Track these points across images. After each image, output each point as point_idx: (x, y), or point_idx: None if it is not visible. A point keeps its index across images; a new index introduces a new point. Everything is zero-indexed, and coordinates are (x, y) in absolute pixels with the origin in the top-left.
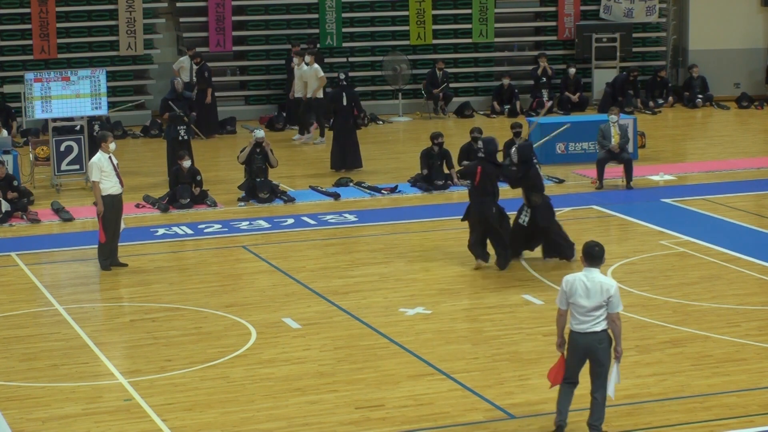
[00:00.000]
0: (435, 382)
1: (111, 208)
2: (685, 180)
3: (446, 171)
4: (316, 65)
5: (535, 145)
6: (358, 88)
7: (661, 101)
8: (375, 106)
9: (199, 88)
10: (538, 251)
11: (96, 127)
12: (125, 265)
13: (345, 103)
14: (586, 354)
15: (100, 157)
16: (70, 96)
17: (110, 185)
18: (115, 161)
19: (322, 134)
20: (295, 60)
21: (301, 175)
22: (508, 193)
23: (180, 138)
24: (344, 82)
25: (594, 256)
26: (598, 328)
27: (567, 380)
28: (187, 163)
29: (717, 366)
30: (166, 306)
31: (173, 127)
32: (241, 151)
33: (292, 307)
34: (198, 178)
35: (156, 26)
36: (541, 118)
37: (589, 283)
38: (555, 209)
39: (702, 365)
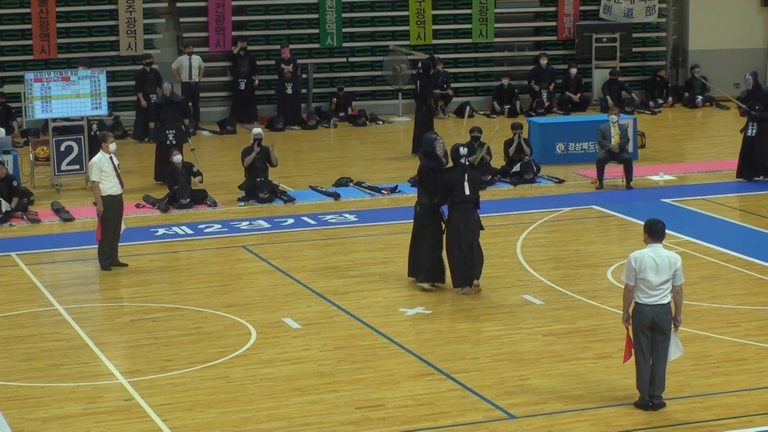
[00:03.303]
0: (435, 382)
1: (111, 209)
2: (685, 180)
3: None
4: None
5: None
6: (358, 88)
7: (661, 101)
8: (375, 106)
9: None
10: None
11: (94, 127)
12: (125, 265)
13: (419, 90)
14: (653, 323)
15: (100, 157)
16: (70, 96)
17: (110, 186)
18: (116, 162)
19: None
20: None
21: (301, 175)
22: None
23: (168, 143)
24: (420, 71)
25: (658, 231)
26: (665, 301)
27: (643, 359)
28: (177, 158)
29: (717, 366)
30: (166, 306)
31: (162, 132)
32: (247, 155)
33: (292, 307)
34: (194, 169)
35: (156, 26)
36: (539, 119)
37: (657, 258)
38: (556, 210)
39: (702, 365)
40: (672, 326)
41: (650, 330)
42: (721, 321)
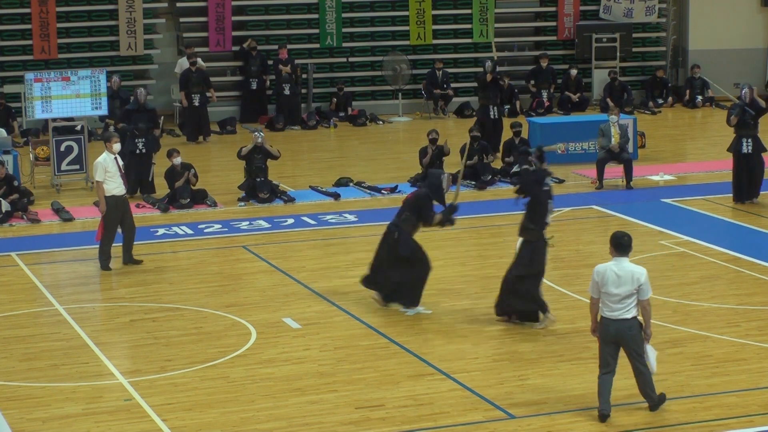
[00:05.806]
0: (435, 382)
1: (114, 209)
2: (685, 180)
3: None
4: None
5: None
6: (358, 88)
7: (661, 101)
8: (375, 106)
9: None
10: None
11: (111, 129)
12: (140, 262)
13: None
14: (617, 339)
15: (105, 157)
16: (70, 96)
17: (114, 186)
18: (120, 162)
19: None
20: None
21: (301, 175)
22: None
23: (137, 151)
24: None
25: (623, 245)
26: (629, 315)
27: (604, 369)
28: (177, 161)
29: (717, 366)
30: (166, 306)
31: (131, 141)
32: (243, 147)
33: (292, 307)
34: (192, 170)
35: (156, 26)
36: (539, 119)
37: (620, 272)
38: (556, 210)
39: (702, 365)
40: (642, 338)
41: (614, 344)
42: (721, 321)
